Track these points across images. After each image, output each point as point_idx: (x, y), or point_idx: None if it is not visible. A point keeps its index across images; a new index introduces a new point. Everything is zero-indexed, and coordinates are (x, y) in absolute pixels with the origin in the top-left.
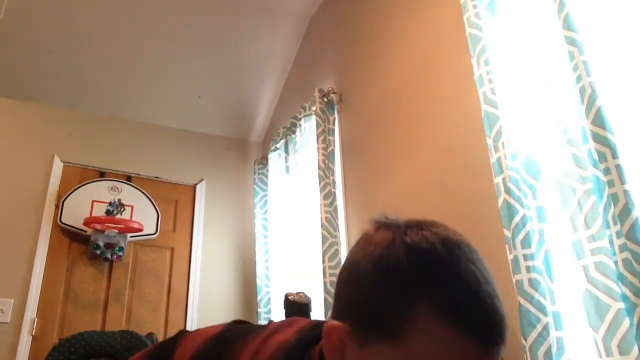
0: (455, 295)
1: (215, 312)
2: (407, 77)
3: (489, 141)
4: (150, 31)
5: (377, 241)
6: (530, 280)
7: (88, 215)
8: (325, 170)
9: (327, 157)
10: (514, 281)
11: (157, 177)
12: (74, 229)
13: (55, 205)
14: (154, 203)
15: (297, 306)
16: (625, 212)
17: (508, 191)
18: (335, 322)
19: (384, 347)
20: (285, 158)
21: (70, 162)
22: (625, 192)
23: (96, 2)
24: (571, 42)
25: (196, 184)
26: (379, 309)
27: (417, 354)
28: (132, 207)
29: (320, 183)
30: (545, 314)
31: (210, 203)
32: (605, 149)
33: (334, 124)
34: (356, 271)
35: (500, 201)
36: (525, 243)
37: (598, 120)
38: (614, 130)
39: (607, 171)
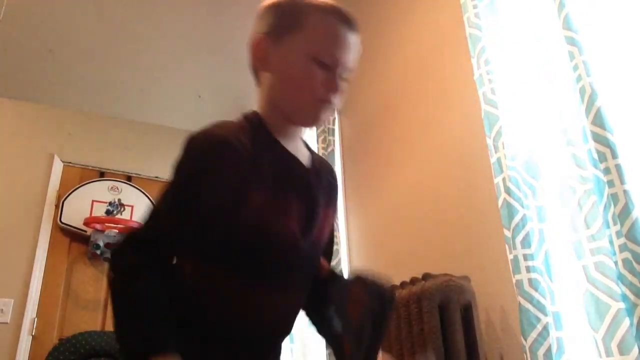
0: (334, 8)
1: None
2: (407, 78)
3: (489, 141)
4: (150, 31)
5: None
6: (530, 280)
7: (88, 215)
8: None
9: (327, 157)
10: (514, 281)
11: (157, 177)
12: (74, 229)
13: (55, 205)
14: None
15: None
16: (625, 212)
17: (508, 191)
18: (255, 38)
19: (293, 35)
20: None
21: (70, 162)
22: (625, 192)
23: (96, 2)
24: (571, 42)
25: None
26: (286, 16)
27: (313, 32)
28: (132, 207)
29: None
30: (545, 314)
31: None
32: (605, 149)
33: (334, 124)
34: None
35: (500, 201)
36: (525, 243)
37: (598, 120)
38: (614, 130)
39: (607, 171)
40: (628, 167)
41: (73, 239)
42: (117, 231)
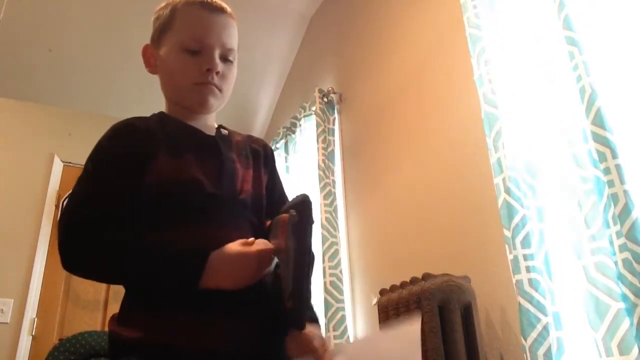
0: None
1: None
2: (407, 77)
3: (489, 141)
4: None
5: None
6: (530, 280)
7: None
8: (325, 170)
9: (327, 157)
10: (514, 281)
11: None
12: None
13: (55, 205)
14: None
15: None
16: (625, 212)
17: (508, 191)
18: (143, 48)
19: (167, 35)
20: (285, 158)
21: (70, 162)
22: (625, 192)
23: (96, 2)
24: (571, 42)
25: None
26: (161, 21)
27: (179, 26)
28: None
29: (320, 183)
30: (545, 314)
31: None
32: (605, 149)
33: (334, 124)
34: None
35: (500, 201)
36: (525, 243)
37: (598, 120)
38: (613, 130)
39: (607, 171)
40: (628, 167)
41: None
42: None
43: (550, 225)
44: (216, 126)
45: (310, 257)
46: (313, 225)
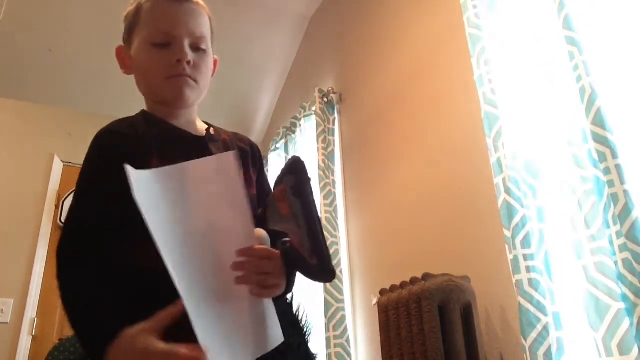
0: None
1: None
2: (407, 77)
3: (489, 141)
4: None
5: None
6: (530, 280)
7: None
8: (325, 170)
9: (327, 157)
10: (514, 281)
11: None
12: None
13: (55, 206)
14: None
15: None
16: (625, 212)
17: (508, 191)
18: (116, 49)
19: (135, 33)
20: (285, 158)
21: (70, 162)
22: (625, 192)
23: (96, 2)
24: (571, 42)
25: None
26: (130, 19)
27: (147, 18)
28: None
29: (320, 183)
30: (545, 314)
31: None
32: (605, 149)
33: (334, 124)
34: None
35: (500, 201)
36: (525, 243)
37: (598, 120)
38: (613, 130)
39: (607, 171)
40: (628, 167)
41: None
42: None
43: (550, 225)
44: (200, 124)
45: (317, 211)
46: (311, 183)
